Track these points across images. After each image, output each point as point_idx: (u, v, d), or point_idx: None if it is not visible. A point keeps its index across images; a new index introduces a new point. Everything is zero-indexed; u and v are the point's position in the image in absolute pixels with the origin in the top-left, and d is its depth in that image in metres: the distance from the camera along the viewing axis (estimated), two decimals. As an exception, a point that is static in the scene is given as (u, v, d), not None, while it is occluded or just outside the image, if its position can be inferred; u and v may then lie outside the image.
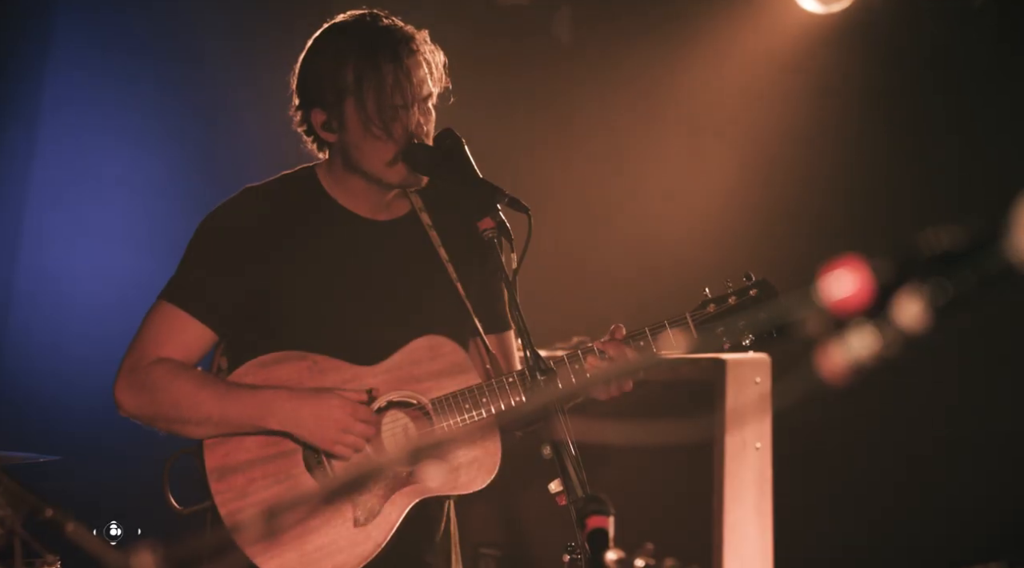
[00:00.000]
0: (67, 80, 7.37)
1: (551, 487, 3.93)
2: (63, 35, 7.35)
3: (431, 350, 4.46)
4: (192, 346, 4.38)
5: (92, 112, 7.44)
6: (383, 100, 4.31)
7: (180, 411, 4.29)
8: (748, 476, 6.01)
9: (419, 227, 4.55)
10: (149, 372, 4.31)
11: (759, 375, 6.03)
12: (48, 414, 7.11)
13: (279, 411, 4.27)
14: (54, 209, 7.38)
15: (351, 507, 4.35)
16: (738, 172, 7.98)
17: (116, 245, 7.45)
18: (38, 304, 7.34)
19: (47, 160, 7.36)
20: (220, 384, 4.33)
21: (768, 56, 7.93)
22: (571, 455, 3.90)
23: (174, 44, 7.59)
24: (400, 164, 4.35)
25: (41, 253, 7.35)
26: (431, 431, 4.34)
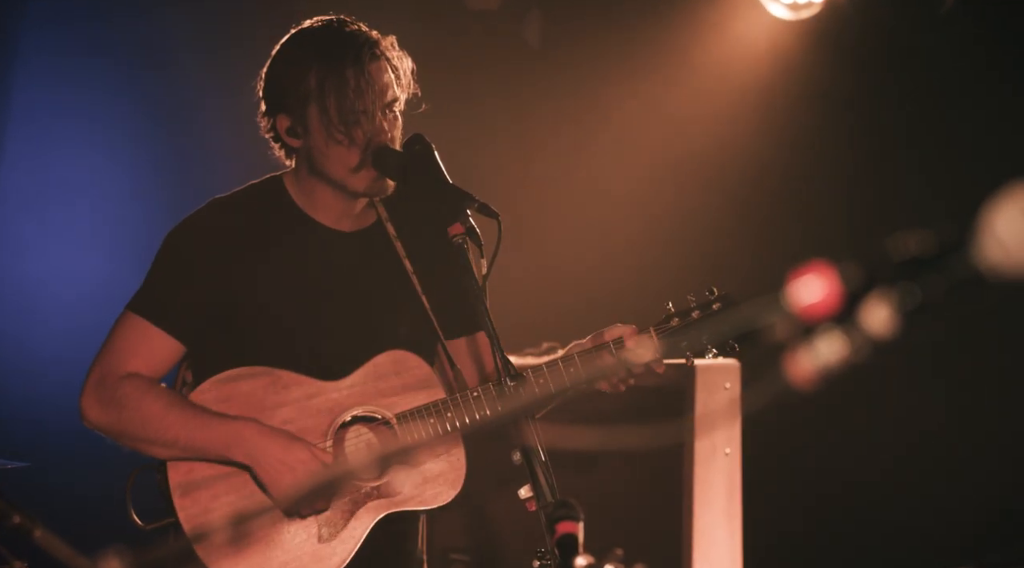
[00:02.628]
0: (36, 87, 7.35)
1: (521, 493, 3.93)
2: (31, 42, 7.33)
3: (395, 364, 4.45)
4: (159, 358, 4.37)
5: (61, 119, 7.41)
6: (345, 104, 4.31)
7: (147, 432, 4.27)
8: (718, 481, 6.01)
9: (385, 238, 4.54)
10: (118, 387, 4.29)
11: (729, 380, 6.03)
12: (16, 420, 7.08)
13: (245, 444, 4.25)
14: (22, 215, 7.35)
15: (315, 523, 4.33)
16: (706, 179, 7.99)
17: (85, 251, 7.42)
18: (7, 310, 7.31)
19: (15, 166, 7.33)
20: (188, 408, 4.30)
21: (737, 62, 7.94)
22: (541, 460, 3.90)
23: (143, 51, 7.57)
24: (364, 170, 4.35)
25: (10, 259, 7.32)
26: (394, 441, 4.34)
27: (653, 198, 8.10)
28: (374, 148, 4.31)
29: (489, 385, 4.34)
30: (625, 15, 8.07)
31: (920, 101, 7.57)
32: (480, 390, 4.34)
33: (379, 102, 4.34)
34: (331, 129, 4.32)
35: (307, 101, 4.35)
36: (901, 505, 7.35)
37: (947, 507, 7.23)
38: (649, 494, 6.04)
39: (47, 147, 7.40)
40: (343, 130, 4.31)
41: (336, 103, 4.31)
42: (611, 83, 8.13)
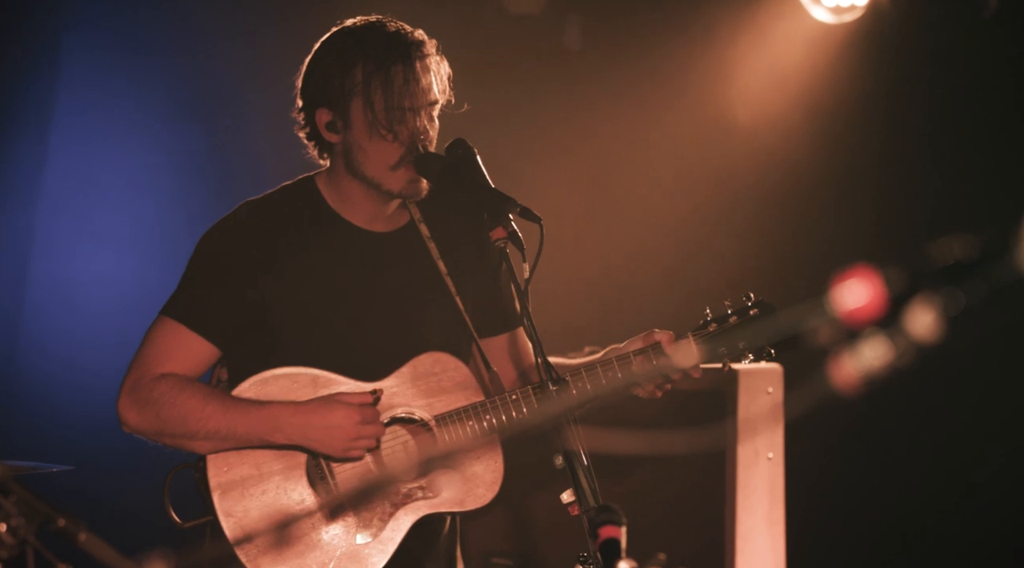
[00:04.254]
0: (77, 89, 7.38)
1: (563, 497, 3.93)
2: (74, 45, 7.37)
3: (434, 366, 4.45)
4: (195, 361, 4.38)
5: (102, 121, 7.45)
6: (391, 101, 4.30)
7: (186, 426, 4.28)
8: (760, 486, 6.00)
9: (418, 238, 4.54)
10: (153, 387, 4.31)
11: (771, 385, 6.02)
12: (60, 423, 7.11)
13: (287, 426, 4.26)
14: (64, 217, 7.39)
15: (354, 524, 4.34)
16: (747, 183, 7.97)
17: (126, 253, 7.45)
18: (49, 313, 7.34)
19: (57, 169, 7.37)
20: (226, 398, 4.32)
21: (779, 66, 7.91)
22: (583, 465, 3.90)
23: (184, 53, 7.60)
24: (402, 170, 4.35)
25: (51, 261, 7.35)
26: (432, 444, 4.34)
27: (694, 202, 8.08)
28: (416, 153, 4.31)
29: (528, 388, 4.34)
30: (665, 19, 8.06)
31: (963, 105, 7.53)
32: (519, 393, 4.34)
33: (423, 100, 4.34)
34: (375, 124, 4.31)
35: (351, 95, 4.34)
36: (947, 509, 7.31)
37: (995, 512, 7.19)
38: (691, 499, 6.03)
39: (87, 151, 7.43)
40: (387, 126, 4.31)
41: (382, 98, 4.30)
42: (651, 87, 8.11)
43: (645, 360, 4.38)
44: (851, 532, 7.55)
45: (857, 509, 7.56)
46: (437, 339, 4.49)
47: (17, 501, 2.57)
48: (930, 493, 7.38)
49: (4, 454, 4.40)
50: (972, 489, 7.24)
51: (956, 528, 7.25)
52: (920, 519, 7.40)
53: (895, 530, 7.49)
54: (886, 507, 7.49)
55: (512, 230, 4.12)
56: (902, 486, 7.47)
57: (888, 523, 7.50)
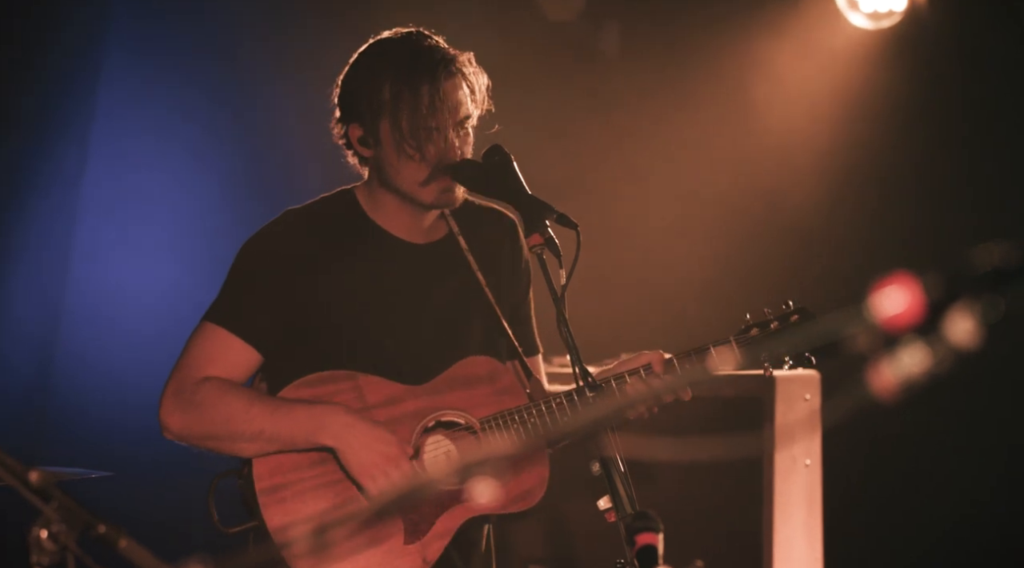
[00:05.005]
0: (118, 98, 7.42)
1: (600, 504, 3.93)
2: (114, 53, 7.40)
3: (479, 370, 4.46)
4: (237, 367, 4.38)
5: (142, 129, 7.48)
6: (417, 121, 4.31)
7: (231, 427, 4.28)
8: (797, 493, 5.99)
9: (457, 250, 4.55)
10: (196, 390, 4.31)
11: (809, 392, 6.01)
12: (100, 430, 7.14)
13: (332, 426, 4.26)
14: (104, 225, 7.42)
15: (400, 527, 4.35)
16: (784, 189, 7.95)
17: (165, 260, 7.48)
18: (89, 320, 7.37)
19: (97, 175, 7.40)
20: (271, 399, 4.33)
21: (817, 71, 7.90)
22: (620, 472, 3.90)
23: (225, 60, 7.63)
24: (433, 184, 4.35)
25: (91, 267, 7.39)
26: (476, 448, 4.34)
27: (730, 208, 8.07)
28: (444, 166, 4.32)
29: (572, 393, 4.34)
30: (702, 25, 8.06)
31: (1002, 110, 7.51)
32: (563, 397, 4.34)
33: (452, 120, 4.34)
34: (402, 143, 4.32)
35: (380, 113, 4.35)
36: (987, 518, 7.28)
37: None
38: (728, 506, 6.02)
39: (127, 157, 7.47)
40: (414, 145, 4.32)
41: (409, 118, 4.31)
42: (688, 92, 8.11)
43: (638, 379, 4.37)
44: (889, 540, 7.52)
45: (895, 516, 7.53)
46: (478, 347, 4.49)
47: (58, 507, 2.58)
48: (970, 501, 7.35)
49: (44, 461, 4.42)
50: (1014, 497, 7.21)
51: (996, 536, 7.22)
52: (960, 527, 7.36)
53: (934, 538, 7.46)
54: (924, 514, 7.46)
55: (549, 236, 4.12)
56: (941, 493, 7.44)
57: (927, 531, 7.47)
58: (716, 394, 5.90)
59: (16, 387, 7.15)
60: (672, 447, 5.11)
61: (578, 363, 4.06)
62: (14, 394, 7.12)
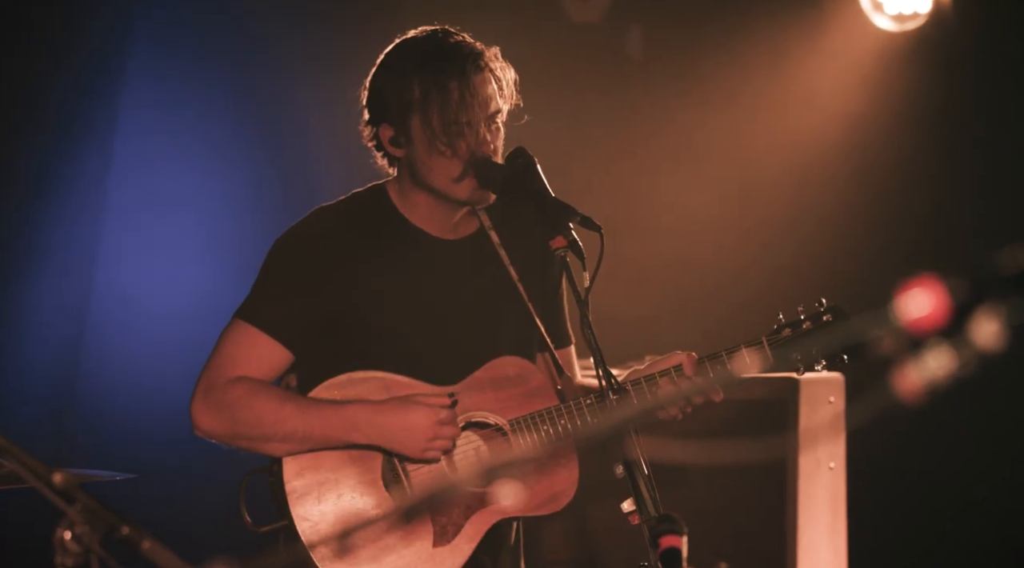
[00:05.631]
0: (141, 100, 7.43)
1: (624, 506, 3.93)
2: (138, 56, 7.42)
3: (508, 370, 4.45)
4: (268, 365, 4.38)
5: (166, 132, 7.49)
6: (448, 116, 4.30)
7: (263, 428, 4.29)
8: (822, 496, 5.98)
9: (489, 246, 4.54)
10: (228, 390, 4.32)
11: (833, 394, 5.99)
12: (124, 432, 7.16)
13: (365, 425, 4.27)
14: (128, 227, 7.44)
15: (429, 528, 4.34)
16: (808, 190, 7.94)
17: (190, 263, 7.49)
18: (113, 323, 7.39)
19: (121, 179, 7.42)
20: (303, 400, 4.33)
21: (842, 73, 7.89)
22: (644, 474, 3.90)
23: (249, 62, 7.64)
24: (467, 180, 4.34)
25: (115, 271, 7.40)
26: (505, 450, 4.33)
27: (755, 209, 8.07)
28: (476, 161, 4.31)
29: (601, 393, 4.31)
30: (728, 26, 8.05)
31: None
32: (594, 398, 4.33)
33: (482, 114, 4.33)
34: (433, 141, 4.32)
35: (410, 112, 4.35)
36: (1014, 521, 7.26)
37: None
38: (752, 509, 6.01)
39: (151, 160, 7.48)
40: (445, 142, 4.31)
41: (439, 115, 4.30)
42: (714, 94, 8.10)
43: (669, 381, 4.35)
44: (914, 543, 7.50)
45: (920, 520, 7.51)
46: (510, 344, 4.49)
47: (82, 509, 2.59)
48: (996, 504, 7.33)
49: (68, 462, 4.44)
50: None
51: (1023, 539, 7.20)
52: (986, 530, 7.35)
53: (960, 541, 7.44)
54: (950, 517, 7.44)
55: (572, 239, 4.11)
56: (967, 496, 7.42)
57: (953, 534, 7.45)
58: (742, 396, 5.89)
59: (41, 389, 7.16)
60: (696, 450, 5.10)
61: (602, 365, 4.06)
62: (39, 396, 7.14)
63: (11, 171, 7.05)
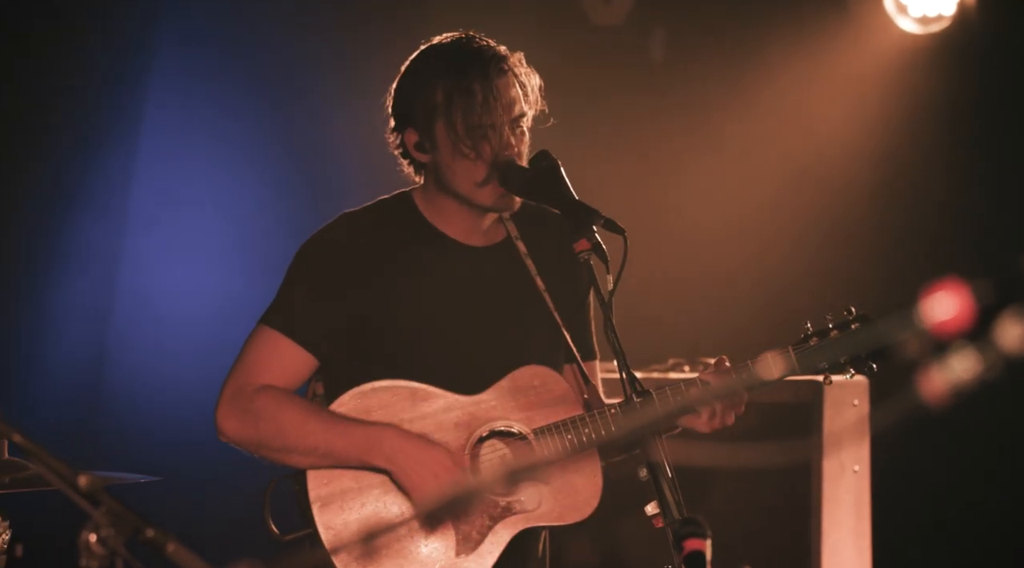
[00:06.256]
0: (165, 104, 7.45)
1: (647, 509, 3.92)
2: (162, 60, 7.44)
3: (533, 379, 4.44)
4: (293, 371, 4.38)
5: (190, 135, 7.51)
6: (472, 119, 4.29)
7: (285, 440, 4.29)
8: (846, 499, 5.97)
9: (516, 255, 4.53)
10: (253, 399, 4.32)
11: (857, 398, 5.99)
12: (148, 435, 7.18)
13: (385, 447, 4.26)
14: (152, 231, 7.45)
15: (453, 537, 4.34)
16: (833, 193, 7.93)
17: (214, 267, 7.51)
18: (137, 327, 7.41)
19: (145, 182, 7.43)
20: (327, 415, 4.32)
21: (866, 76, 7.88)
22: (667, 477, 3.89)
23: (273, 67, 7.66)
24: (491, 185, 4.34)
25: (139, 274, 7.42)
26: (529, 456, 4.32)
27: (778, 213, 8.05)
28: (500, 164, 4.31)
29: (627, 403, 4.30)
30: (751, 30, 8.04)
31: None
32: (618, 406, 4.32)
33: (506, 117, 4.32)
34: (458, 144, 4.31)
35: (434, 116, 4.35)
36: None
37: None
38: (776, 512, 6.01)
39: (175, 164, 7.50)
40: (470, 145, 4.30)
41: (463, 118, 4.30)
42: (736, 98, 8.09)
43: (696, 389, 4.35)
44: (939, 547, 7.48)
45: (945, 523, 7.49)
46: (535, 354, 4.47)
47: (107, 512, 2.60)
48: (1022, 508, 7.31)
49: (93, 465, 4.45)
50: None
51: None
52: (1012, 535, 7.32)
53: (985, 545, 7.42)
54: (975, 521, 7.42)
55: (596, 242, 4.11)
56: (992, 500, 7.39)
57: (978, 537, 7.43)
58: (767, 399, 5.88)
59: (65, 392, 7.19)
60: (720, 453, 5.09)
61: (625, 369, 4.05)
62: (64, 399, 7.16)
63: (35, 175, 7.08)
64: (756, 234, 8.08)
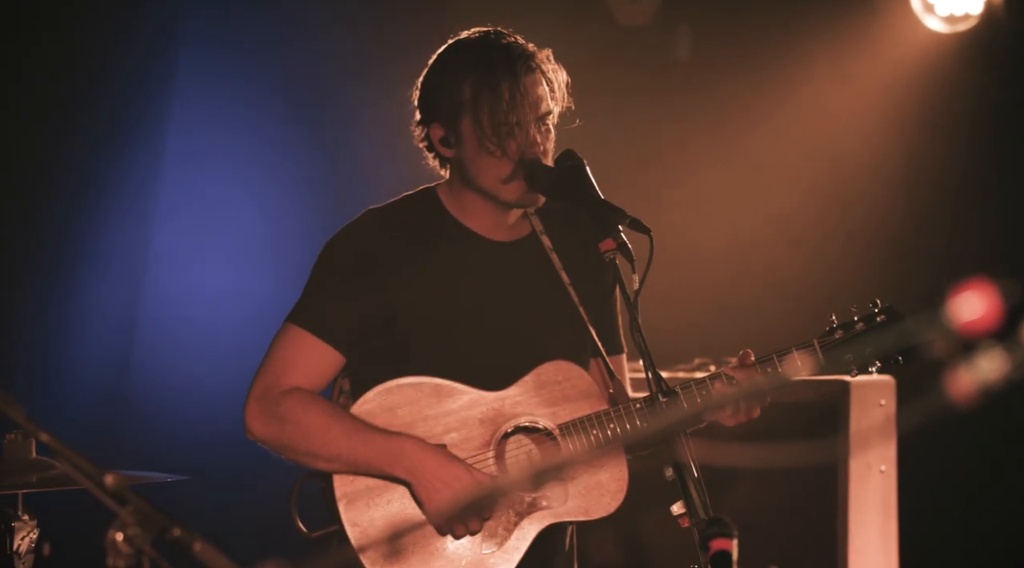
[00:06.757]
0: (192, 101, 7.47)
1: (673, 509, 3.91)
2: (188, 58, 7.45)
3: (559, 374, 4.44)
4: (320, 369, 4.39)
5: (216, 133, 7.53)
6: (498, 116, 4.30)
7: (310, 446, 4.29)
8: (872, 499, 5.95)
9: (540, 249, 4.53)
10: (280, 402, 4.32)
11: (884, 397, 5.97)
12: (175, 434, 7.19)
13: (406, 459, 4.25)
14: (179, 229, 7.47)
15: (480, 533, 4.34)
16: (859, 192, 7.91)
17: (240, 265, 7.52)
18: (164, 326, 7.42)
19: (172, 181, 7.45)
20: (350, 423, 4.31)
21: (892, 75, 7.86)
22: (693, 477, 3.88)
23: (299, 64, 7.67)
24: (516, 181, 4.34)
25: (166, 274, 7.44)
26: (555, 454, 4.32)
27: (805, 211, 8.04)
28: (526, 162, 4.31)
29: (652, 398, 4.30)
30: (777, 29, 8.03)
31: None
32: (643, 401, 4.31)
33: (532, 115, 4.32)
34: (484, 140, 4.31)
35: (461, 112, 4.35)
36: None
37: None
38: (803, 512, 6.00)
39: (202, 163, 7.52)
40: (495, 141, 4.30)
41: (490, 114, 4.30)
42: (762, 96, 8.08)
43: (722, 385, 4.34)
44: (966, 547, 7.46)
45: (972, 523, 7.47)
46: (561, 349, 4.47)
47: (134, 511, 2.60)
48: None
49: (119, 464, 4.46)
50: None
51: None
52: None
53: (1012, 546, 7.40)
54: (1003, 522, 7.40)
55: (622, 241, 4.11)
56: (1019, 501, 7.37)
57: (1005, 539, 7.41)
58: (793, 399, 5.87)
59: (93, 391, 7.21)
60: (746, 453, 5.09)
61: (651, 368, 4.04)
62: (91, 398, 7.18)
63: (61, 173, 7.10)
64: (783, 233, 8.07)
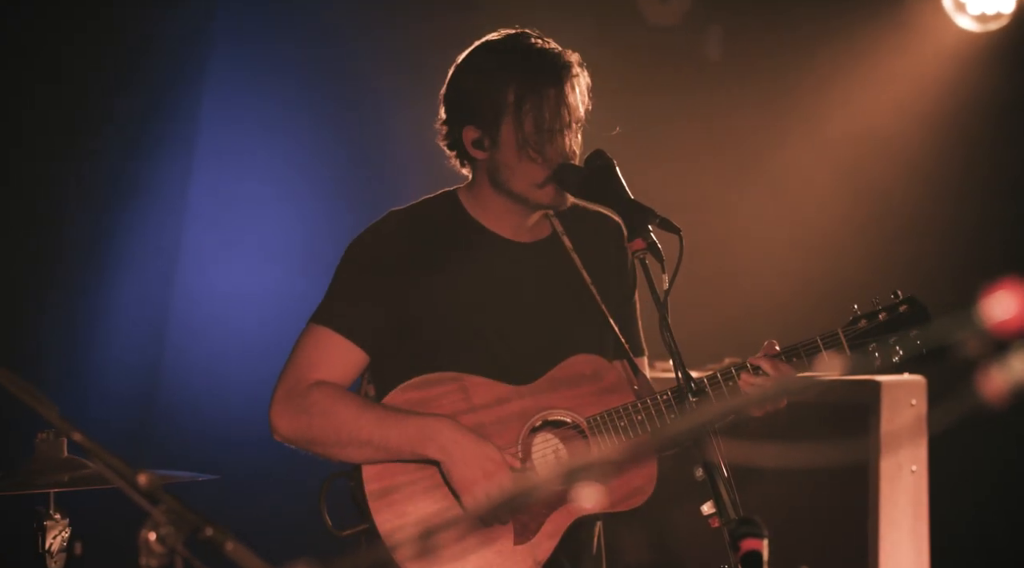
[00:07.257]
0: (222, 102, 7.49)
1: (703, 509, 3.91)
2: (219, 59, 7.47)
3: (585, 369, 4.45)
4: (345, 368, 4.40)
5: (247, 133, 7.55)
6: (541, 123, 4.31)
7: (340, 435, 4.31)
8: (903, 500, 5.94)
9: (562, 249, 4.54)
10: (307, 396, 4.34)
11: (915, 397, 5.96)
12: (207, 433, 7.21)
13: (439, 437, 4.26)
14: (209, 229, 7.49)
15: (510, 527, 4.35)
16: (890, 191, 7.90)
17: (271, 265, 7.54)
18: (195, 324, 7.45)
19: (202, 181, 7.47)
20: (381, 408, 4.33)
21: (924, 74, 7.84)
22: (724, 476, 3.88)
23: (329, 65, 7.68)
24: (548, 186, 4.35)
25: (197, 273, 7.46)
26: (584, 451, 4.32)
27: (837, 211, 8.03)
28: (558, 165, 4.32)
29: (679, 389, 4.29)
30: (807, 28, 8.02)
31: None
32: (671, 394, 4.31)
33: (571, 121, 4.35)
34: (524, 146, 4.31)
35: (502, 116, 4.34)
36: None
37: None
38: (834, 512, 5.98)
39: (232, 163, 7.54)
40: (536, 148, 4.31)
41: (533, 121, 4.31)
42: (793, 95, 8.07)
43: (786, 365, 4.33)
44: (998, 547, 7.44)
45: (1004, 524, 7.44)
46: (585, 348, 4.48)
47: (166, 510, 2.61)
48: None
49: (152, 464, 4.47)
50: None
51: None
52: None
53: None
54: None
55: (651, 241, 4.10)
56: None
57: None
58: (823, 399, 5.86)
59: (125, 391, 7.23)
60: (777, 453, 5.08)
61: (681, 368, 4.04)
62: (123, 398, 7.21)
63: (93, 173, 7.12)
64: (813, 234, 8.06)
